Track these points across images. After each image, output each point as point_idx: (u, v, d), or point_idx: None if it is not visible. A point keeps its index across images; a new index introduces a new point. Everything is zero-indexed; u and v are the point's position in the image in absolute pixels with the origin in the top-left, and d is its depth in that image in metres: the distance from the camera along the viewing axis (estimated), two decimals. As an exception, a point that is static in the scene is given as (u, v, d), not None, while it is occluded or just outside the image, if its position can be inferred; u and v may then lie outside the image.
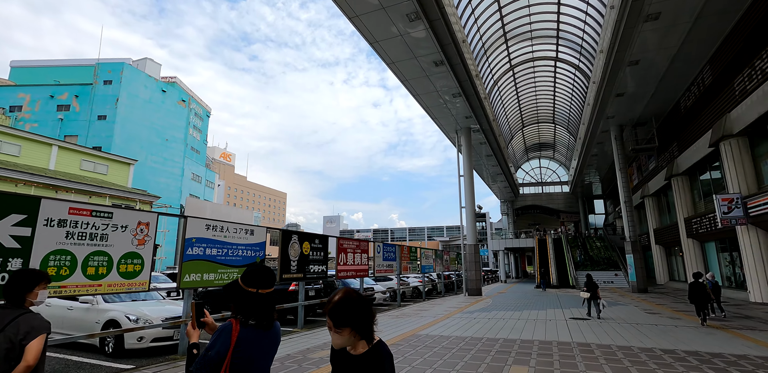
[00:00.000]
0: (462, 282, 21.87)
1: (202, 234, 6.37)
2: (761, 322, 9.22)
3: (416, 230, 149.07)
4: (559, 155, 47.03)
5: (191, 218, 6.26)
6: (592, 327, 8.44)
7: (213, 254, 6.48)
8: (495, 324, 8.99)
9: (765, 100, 11.92)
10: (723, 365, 5.23)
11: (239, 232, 7.08)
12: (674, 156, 20.25)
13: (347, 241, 10.91)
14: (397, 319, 10.25)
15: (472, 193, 20.69)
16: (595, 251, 30.29)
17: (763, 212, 12.43)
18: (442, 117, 20.39)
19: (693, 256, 19.07)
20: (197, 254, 6.22)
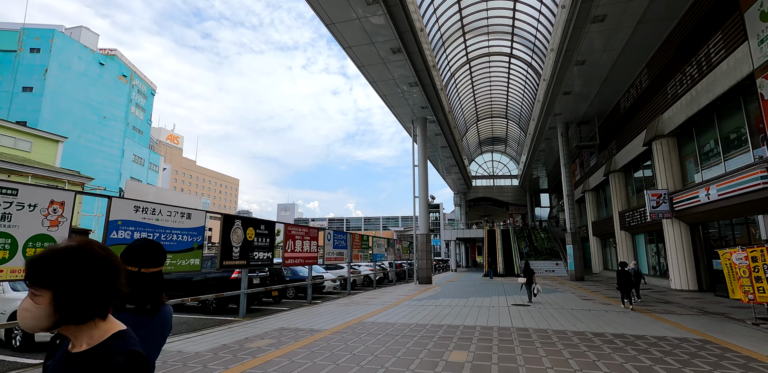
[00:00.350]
0: (414, 271, 22.19)
1: (130, 216, 5.82)
2: (679, 307, 10.06)
3: (372, 220, 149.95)
4: (510, 150, 48.76)
5: (117, 199, 5.69)
6: (532, 313, 8.78)
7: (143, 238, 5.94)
8: (441, 311, 9.12)
9: (692, 103, 12.85)
10: (645, 346, 5.57)
11: (174, 215, 6.57)
12: (613, 154, 21.53)
13: (296, 228, 10.58)
14: (345, 307, 10.13)
15: (426, 183, 20.88)
16: (539, 241, 31.89)
17: (686, 207, 13.51)
18: (399, 106, 20.28)
19: (625, 247, 20.55)
20: (124, 238, 5.68)
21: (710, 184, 11.87)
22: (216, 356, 4.96)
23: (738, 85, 10.77)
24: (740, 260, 7.62)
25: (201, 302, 9.47)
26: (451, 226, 40.98)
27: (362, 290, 16.46)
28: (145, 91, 51.04)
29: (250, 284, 9.43)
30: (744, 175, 10.28)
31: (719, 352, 5.24)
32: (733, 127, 11.73)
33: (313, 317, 8.42)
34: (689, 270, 14.01)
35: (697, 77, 12.62)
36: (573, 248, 20.94)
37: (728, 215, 11.94)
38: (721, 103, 11.91)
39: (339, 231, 13.45)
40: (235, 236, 8.04)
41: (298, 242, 10.50)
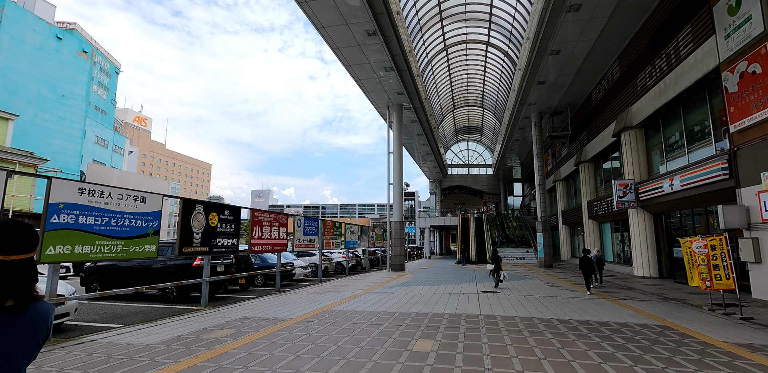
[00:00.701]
0: (387, 258, 22.19)
1: (75, 199, 5.35)
2: (641, 293, 10.38)
3: (348, 207, 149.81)
4: (485, 139, 49.17)
5: (58, 180, 5.19)
6: (500, 300, 8.84)
7: (89, 223, 5.49)
8: (411, 299, 9.05)
9: (660, 96, 13.08)
10: (608, 332, 5.64)
11: (126, 198, 6.11)
12: (583, 144, 21.93)
13: (263, 213, 10.21)
14: (314, 295, 9.93)
15: (401, 170, 20.71)
16: (511, 230, 32.52)
17: (650, 197, 13.90)
18: (375, 91, 19.86)
19: (592, 235, 21.15)
20: (67, 222, 5.22)
21: (674, 175, 12.20)
22: (168, 349, 4.66)
23: (704, 78, 10.98)
24: (700, 249, 7.84)
25: (161, 290, 9.05)
26: (426, 214, 41.26)
27: (334, 277, 16.30)
28: (109, 69, 48.27)
29: (213, 271, 9.06)
30: (706, 166, 10.58)
31: (678, 338, 5.35)
32: (698, 120, 12.02)
33: (279, 305, 8.18)
34: (651, 258, 14.53)
35: (666, 70, 12.81)
36: (543, 236, 21.40)
37: (690, 205, 12.35)
38: (688, 95, 12.15)
39: (310, 217, 13.14)
40: (196, 222, 7.63)
41: (266, 229, 10.15)
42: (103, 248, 5.70)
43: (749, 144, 9.10)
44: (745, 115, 9.03)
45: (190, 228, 7.49)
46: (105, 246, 5.72)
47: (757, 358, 4.42)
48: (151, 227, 6.51)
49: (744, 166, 9.26)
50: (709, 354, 4.55)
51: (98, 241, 5.63)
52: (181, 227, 7.26)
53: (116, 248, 5.88)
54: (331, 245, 14.95)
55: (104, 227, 5.72)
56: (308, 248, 12.89)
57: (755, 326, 6.25)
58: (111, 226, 5.82)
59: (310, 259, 16.58)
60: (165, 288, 8.81)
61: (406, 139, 31.27)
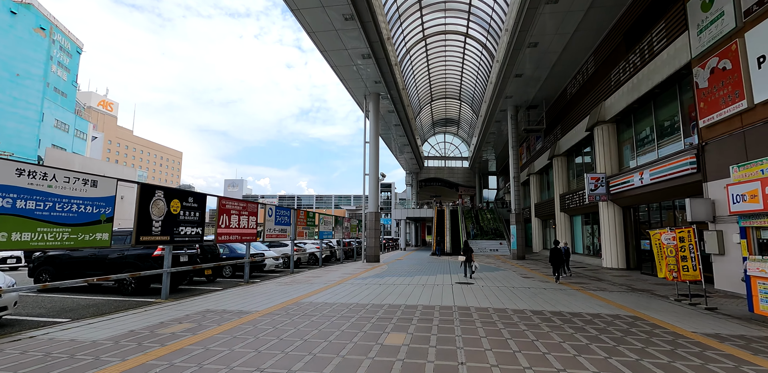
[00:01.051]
0: (362, 249, 21.98)
1: (12, 181, 4.80)
2: (610, 284, 10.57)
3: (324, 198, 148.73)
4: (462, 132, 49.41)
5: (-9, 159, 4.63)
6: (474, 291, 8.77)
7: (29, 207, 4.96)
8: (384, 290, 8.86)
9: (633, 91, 13.25)
10: (581, 323, 5.60)
11: (74, 182, 5.57)
12: (557, 138, 22.23)
13: (231, 202, 9.73)
14: (285, 286, 9.60)
15: (377, 161, 20.43)
16: (485, 222, 32.91)
17: (621, 190, 14.18)
18: (351, 79, 19.37)
19: (563, 227, 21.59)
20: (2, 206, 4.68)
21: (644, 168, 12.44)
22: (116, 345, 4.26)
23: (676, 74, 11.14)
24: (669, 241, 7.96)
25: (118, 282, 8.49)
26: (402, 205, 41.27)
27: (307, 268, 15.96)
28: (70, 48, 45.41)
29: (176, 262, 8.57)
30: (674, 160, 10.79)
31: (649, 328, 5.35)
32: (668, 116, 12.25)
33: (246, 297, 7.81)
34: (620, 250, 14.90)
35: (640, 65, 12.97)
36: (516, 229, 21.68)
37: (658, 199, 12.65)
38: (659, 91, 12.35)
39: (281, 207, 12.70)
40: (156, 209, 7.12)
41: (234, 218, 9.69)
42: (47, 235, 5.18)
43: (717, 139, 9.29)
44: (714, 110, 9.19)
45: (149, 215, 6.98)
46: (49, 234, 5.20)
47: (726, 348, 4.44)
48: (103, 214, 6.00)
49: (711, 160, 9.47)
50: (680, 345, 4.54)
51: (40, 228, 5.10)
52: (139, 214, 6.74)
53: (62, 236, 5.37)
54: (304, 235, 14.57)
55: (47, 213, 5.19)
56: (280, 239, 12.48)
57: (720, 316, 6.37)
58: (56, 211, 5.29)
59: (282, 249, 16.15)
60: (122, 280, 8.27)
61: (384, 130, 30.96)
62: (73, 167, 29.04)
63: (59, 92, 42.88)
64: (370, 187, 20.13)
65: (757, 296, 5.99)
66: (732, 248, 8.68)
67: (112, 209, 6.15)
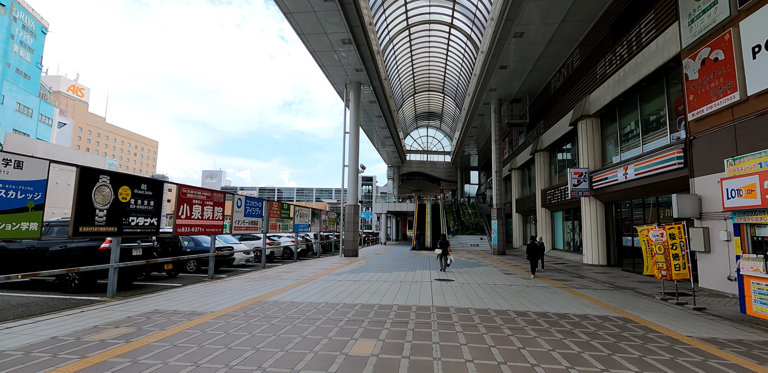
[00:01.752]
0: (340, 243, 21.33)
1: None
2: (593, 281, 10.26)
3: (305, 191, 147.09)
4: (445, 126, 49.07)
5: None
6: (454, 289, 8.27)
7: (-74, 191, 4.12)
8: (358, 287, 8.27)
9: (619, 84, 12.94)
10: (569, 326, 5.14)
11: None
12: (540, 133, 21.99)
13: (194, 190, 8.92)
14: (252, 282, 8.90)
15: (357, 152, 19.74)
16: (466, 217, 32.69)
17: (603, 186, 13.94)
18: (332, 66, 18.53)
19: (544, 223, 21.43)
20: None
21: (629, 163, 12.17)
22: (24, 357, 3.52)
23: (664, 66, 10.83)
24: (657, 237, 7.61)
25: (59, 277, 7.63)
26: (383, 199, 40.66)
27: (281, 263, 15.24)
28: (33, 28, 42.70)
29: (127, 255, 7.75)
30: (661, 155, 10.51)
31: (642, 332, 4.93)
32: (654, 110, 11.97)
33: (206, 295, 7.09)
34: (601, 246, 14.71)
35: (627, 57, 12.64)
36: (497, 224, 21.40)
37: (642, 195, 12.43)
38: (646, 84, 12.05)
39: (252, 197, 11.91)
40: (100, 196, 6.29)
41: (197, 208, 8.89)
42: (-47, 225, 4.35)
43: (706, 133, 8.99)
44: (704, 103, 8.88)
45: (92, 203, 6.16)
46: (-45, 223, 4.37)
47: (728, 356, 4.03)
48: (30, 200, 5.17)
49: (699, 155, 9.19)
50: (678, 352, 4.10)
51: (-57, 215, 4.27)
52: (78, 202, 5.91)
53: (-25, 226, 4.54)
54: (277, 228, 13.82)
55: (-47, 198, 4.35)
56: (250, 231, 11.71)
57: (711, 318, 6.03)
58: (-35, 197, 4.46)
59: (255, 243, 15.36)
60: (65, 275, 7.41)
61: (365, 122, 30.22)
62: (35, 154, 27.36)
63: (21, 74, 40.34)
64: (350, 179, 19.45)
65: (750, 296, 5.65)
66: (718, 246, 8.43)
67: (42, 194, 5.32)
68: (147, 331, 4.50)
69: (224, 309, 5.81)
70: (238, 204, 10.90)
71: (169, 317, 5.21)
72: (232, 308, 5.93)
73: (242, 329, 4.63)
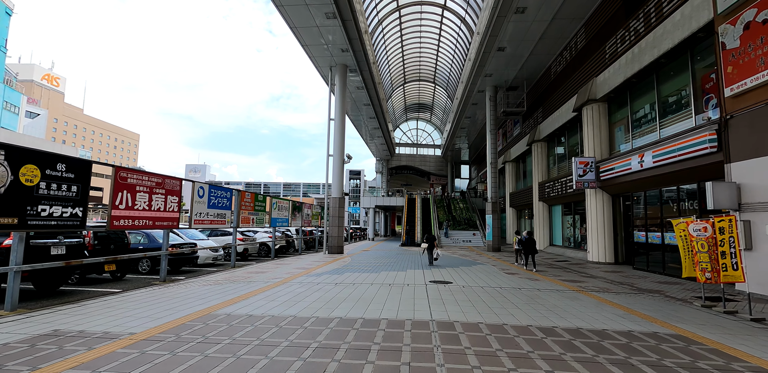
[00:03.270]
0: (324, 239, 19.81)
1: None
2: (609, 282, 8.96)
3: (292, 186, 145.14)
4: (435, 118, 47.68)
5: None
6: (455, 295, 6.86)
7: None
8: (339, 293, 6.81)
9: (633, 62, 11.64)
10: (618, 351, 3.77)
11: None
12: (538, 122, 20.73)
13: (138, 175, 7.30)
14: (212, 286, 7.37)
15: (343, 140, 18.20)
16: (458, 211, 31.43)
17: (613, 176, 12.69)
18: (315, 45, 16.88)
19: (542, 218, 20.23)
20: None
21: (645, 150, 10.89)
22: None
23: (690, 38, 9.50)
24: (699, 232, 6.31)
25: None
26: (371, 193, 39.14)
27: (256, 261, 13.68)
28: (-3, 8, 39.77)
29: (43, 255, 6.14)
30: (688, 139, 9.22)
31: (722, 362, 3.57)
32: (674, 90, 10.68)
33: (143, 305, 5.55)
34: (608, 242, 13.50)
35: (643, 32, 11.33)
36: (492, 218, 20.12)
37: (658, 185, 11.16)
38: (666, 61, 10.74)
39: (218, 186, 10.29)
40: (-13, 177, 4.68)
41: (142, 196, 7.28)
42: None
43: (747, 110, 7.70)
44: (748, 74, 7.56)
45: (-27, 186, 4.55)
46: None
47: None
48: None
49: (737, 137, 7.90)
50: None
51: None
52: (-54, 184, 4.31)
53: None
54: (251, 222, 12.25)
55: None
56: (216, 226, 10.12)
57: (786, 334, 4.73)
58: None
59: (226, 239, 13.76)
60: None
61: (353, 112, 28.66)
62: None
63: (-17, 58, 37.58)
64: (335, 169, 17.92)
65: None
66: (762, 242, 7.18)
67: None
68: (8, 372, 2.96)
69: (151, 329, 4.28)
70: (200, 193, 9.30)
71: (61, 345, 3.67)
72: (165, 326, 4.41)
73: (157, 368, 3.12)
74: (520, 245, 11.96)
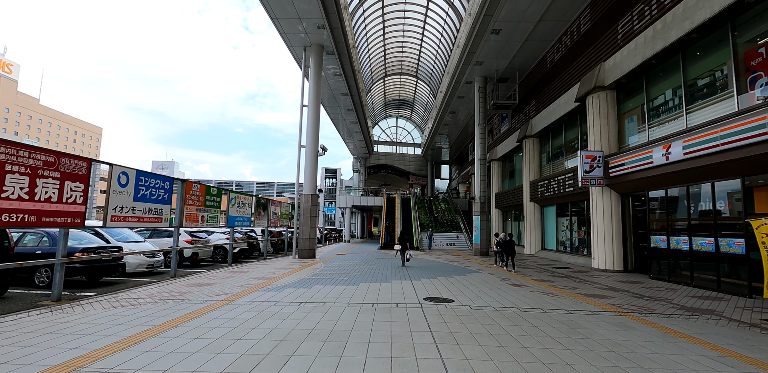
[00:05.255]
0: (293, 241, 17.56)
1: None
2: (637, 297, 7.21)
3: (266, 185, 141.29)
4: (416, 116, 46.04)
5: None
6: (467, 324, 4.90)
7: None
8: (301, 322, 4.74)
9: (655, 40, 10.06)
10: None
11: None
12: (530, 116, 19.22)
13: (6, 146, 5.00)
14: (123, 309, 5.16)
15: (317, 130, 16.07)
16: (440, 212, 29.70)
17: (626, 172, 11.11)
18: (285, 19, 14.68)
19: (533, 219, 18.68)
20: None
21: (672, 140, 9.30)
22: None
23: (735, 5, 7.97)
24: (797, 237, 4.60)
25: None
26: (347, 192, 36.96)
27: (208, 268, 11.39)
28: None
29: None
30: (737, 123, 7.63)
31: None
32: (707, 70, 9.14)
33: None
34: (616, 248, 11.91)
35: (669, 3, 9.77)
36: (480, 220, 18.41)
37: (689, 180, 9.54)
38: (698, 36, 9.19)
39: (152, 173, 7.97)
40: None
41: (16, 180, 4.99)
42: None
43: (826, 85, 6.13)
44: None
45: None
46: None
47: None
48: None
49: (808, 118, 6.33)
50: None
51: None
52: None
53: None
54: (200, 220, 9.96)
55: None
56: (145, 224, 7.81)
57: None
58: None
59: (169, 241, 11.37)
60: None
61: (331, 106, 26.55)
62: None
63: None
64: (307, 162, 15.76)
65: None
66: None
67: None
68: None
69: None
70: (121, 181, 6.99)
71: None
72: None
73: None
74: (499, 247, 12.30)
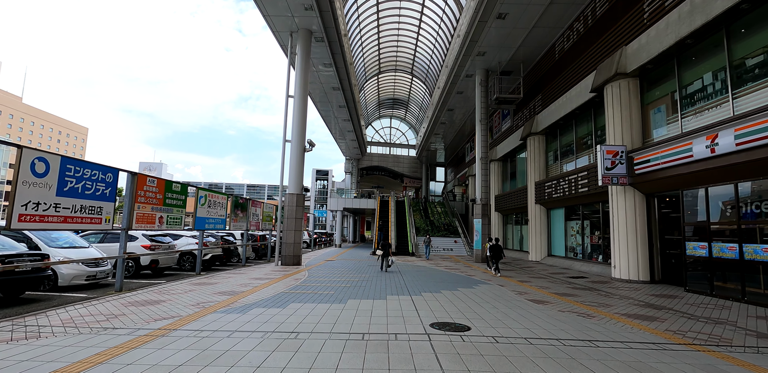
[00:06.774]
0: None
1: None
2: (692, 318, 5.72)
3: (257, 188, 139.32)
4: (410, 116, 44.69)
5: None
6: (496, 368, 3.35)
7: None
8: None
9: (693, 15, 8.69)
10: None
11: None
12: (535, 113, 17.87)
13: None
14: (11, 349, 3.52)
15: (303, 123, 14.53)
16: (436, 216, 28.21)
17: (655, 168, 9.71)
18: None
19: (538, 223, 17.23)
20: None
21: (720, 129, 7.89)
22: None
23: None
24: None
25: None
26: (339, 194, 35.34)
27: (168, 278, 9.72)
28: None
29: None
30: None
31: None
32: (759, 47, 7.80)
33: None
34: (641, 255, 10.46)
35: (710, -27, 8.42)
36: (482, 223, 16.94)
37: (739, 176, 8.09)
38: (749, 6, 7.84)
39: (88, 162, 6.33)
40: None
41: None
42: None
43: None
44: None
45: None
46: None
47: None
48: None
49: None
50: None
51: None
52: None
53: None
54: (157, 222, 8.31)
55: None
56: (80, 226, 6.17)
57: None
58: None
59: (130, 246, 9.69)
60: None
61: (322, 103, 25.05)
62: None
63: None
64: (292, 158, 14.20)
65: None
66: None
67: None
68: None
69: None
70: (37, 170, 5.35)
71: None
72: None
73: None
74: (490, 251, 12.21)
